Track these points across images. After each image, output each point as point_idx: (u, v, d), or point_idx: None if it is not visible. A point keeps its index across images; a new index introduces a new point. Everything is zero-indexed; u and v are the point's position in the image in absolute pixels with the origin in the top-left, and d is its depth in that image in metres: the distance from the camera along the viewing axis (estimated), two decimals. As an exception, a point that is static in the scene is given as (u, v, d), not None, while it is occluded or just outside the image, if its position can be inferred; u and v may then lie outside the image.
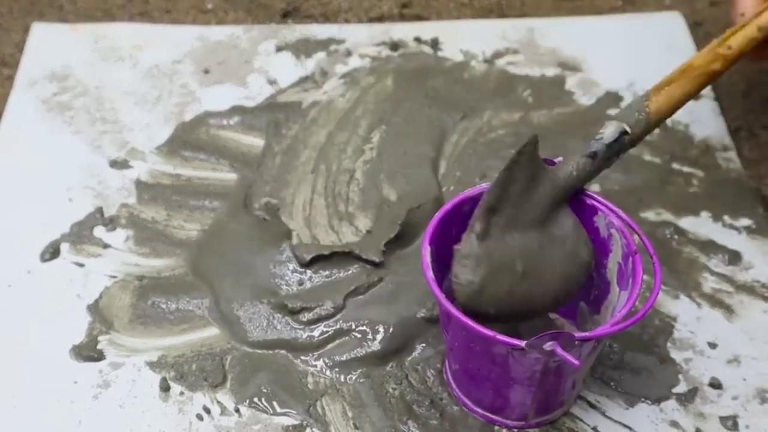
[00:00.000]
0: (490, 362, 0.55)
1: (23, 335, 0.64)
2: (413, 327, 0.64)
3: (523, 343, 0.51)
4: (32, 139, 0.76)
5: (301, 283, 0.67)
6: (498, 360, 0.54)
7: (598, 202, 0.58)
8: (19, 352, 0.63)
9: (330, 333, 0.64)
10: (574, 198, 0.58)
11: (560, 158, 0.58)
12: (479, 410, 0.59)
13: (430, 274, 0.55)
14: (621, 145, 0.58)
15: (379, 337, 0.63)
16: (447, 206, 0.58)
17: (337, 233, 0.70)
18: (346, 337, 0.64)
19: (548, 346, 0.51)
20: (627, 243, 0.56)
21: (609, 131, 0.58)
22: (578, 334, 0.52)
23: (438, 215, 0.58)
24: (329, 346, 0.63)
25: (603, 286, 0.59)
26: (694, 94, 0.61)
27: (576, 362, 0.51)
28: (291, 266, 0.68)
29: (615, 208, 0.58)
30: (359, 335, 0.64)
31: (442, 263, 0.58)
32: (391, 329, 0.63)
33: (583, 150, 0.57)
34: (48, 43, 0.84)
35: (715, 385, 0.62)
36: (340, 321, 0.64)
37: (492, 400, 0.58)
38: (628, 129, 0.58)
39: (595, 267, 0.59)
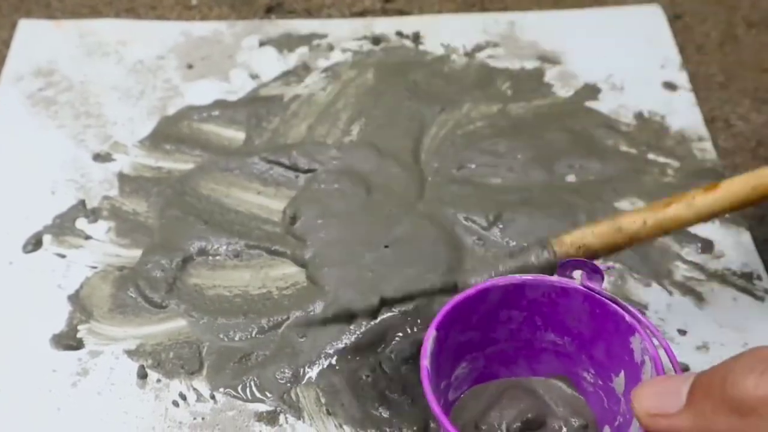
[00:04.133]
0: None
1: (4, 325, 0.65)
2: (390, 319, 0.64)
3: None
4: (17, 134, 0.77)
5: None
6: None
7: (638, 320, 0.52)
8: None
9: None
10: (615, 312, 0.53)
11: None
12: None
13: (426, 363, 0.50)
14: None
15: (354, 329, 0.64)
16: (469, 292, 0.54)
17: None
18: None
19: None
20: (657, 374, 0.51)
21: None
22: None
23: (453, 302, 0.53)
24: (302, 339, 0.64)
25: (628, 415, 0.54)
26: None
27: None
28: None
29: (654, 329, 0.52)
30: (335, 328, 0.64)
31: (453, 350, 0.54)
32: (367, 321, 0.64)
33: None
34: (34, 40, 0.85)
35: (684, 371, 0.62)
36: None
37: None
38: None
39: (624, 394, 0.55)
